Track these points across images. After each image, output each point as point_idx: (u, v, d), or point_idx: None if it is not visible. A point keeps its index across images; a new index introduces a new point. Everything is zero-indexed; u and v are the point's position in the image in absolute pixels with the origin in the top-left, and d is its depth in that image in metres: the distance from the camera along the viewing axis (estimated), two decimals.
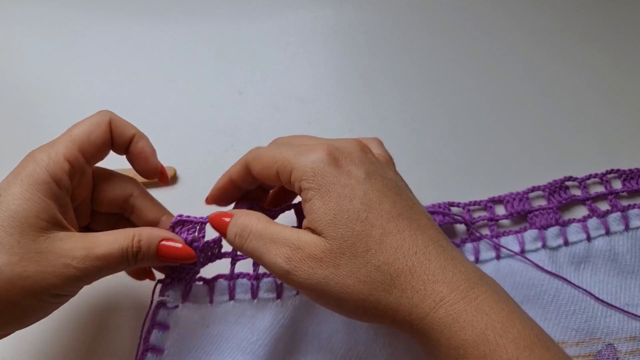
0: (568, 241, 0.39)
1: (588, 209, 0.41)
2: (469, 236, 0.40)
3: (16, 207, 0.27)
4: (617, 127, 0.45)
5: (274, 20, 0.51)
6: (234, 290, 0.36)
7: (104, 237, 0.29)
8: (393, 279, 0.26)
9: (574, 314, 0.37)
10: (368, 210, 0.27)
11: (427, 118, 0.46)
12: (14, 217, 0.27)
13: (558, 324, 0.36)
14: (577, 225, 0.40)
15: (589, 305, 0.37)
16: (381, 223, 0.27)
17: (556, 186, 0.41)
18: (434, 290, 0.25)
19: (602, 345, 0.36)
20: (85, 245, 0.28)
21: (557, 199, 0.41)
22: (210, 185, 0.34)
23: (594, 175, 0.42)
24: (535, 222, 0.40)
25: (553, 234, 0.39)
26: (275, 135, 0.45)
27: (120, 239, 0.29)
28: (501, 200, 0.41)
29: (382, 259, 0.26)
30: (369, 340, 0.35)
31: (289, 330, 0.36)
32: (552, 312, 0.37)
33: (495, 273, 0.38)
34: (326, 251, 0.27)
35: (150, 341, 0.35)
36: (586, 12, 0.50)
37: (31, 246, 0.27)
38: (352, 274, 0.27)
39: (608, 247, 0.39)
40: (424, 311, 0.25)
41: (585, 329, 0.36)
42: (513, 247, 0.39)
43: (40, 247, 0.27)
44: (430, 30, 0.50)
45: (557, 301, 0.37)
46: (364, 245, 0.27)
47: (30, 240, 0.27)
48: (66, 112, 0.45)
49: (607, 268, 0.38)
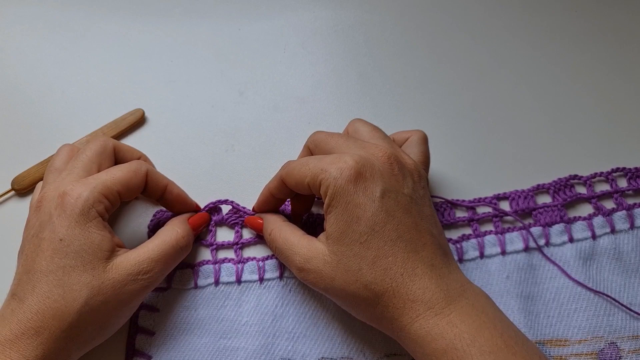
0: (573, 238, 0.39)
1: (593, 207, 0.41)
2: (473, 232, 0.40)
3: (82, 246, 0.31)
4: (623, 126, 0.45)
5: (274, 21, 0.51)
6: (219, 273, 0.38)
7: (152, 244, 0.34)
8: (378, 297, 0.30)
9: (576, 311, 0.37)
10: (370, 233, 0.30)
11: (428, 118, 0.46)
12: (84, 257, 0.31)
13: (560, 321, 0.37)
14: (583, 223, 0.40)
15: (592, 304, 0.37)
16: (378, 246, 0.30)
17: (561, 184, 0.41)
18: (412, 308, 0.30)
19: (605, 344, 0.36)
20: (143, 258, 0.33)
21: (562, 196, 0.41)
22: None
23: (600, 173, 0.42)
24: (540, 219, 0.40)
25: (558, 231, 0.39)
26: (275, 135, 0.45)
27: (167, 238, 0.34)
28: (506, 197, 0.41)
29: (371, 279, 0.30)
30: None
31: (279, 310, 0.37)
32: (555, 310, 0.37)
33: (501, 268, 0.38)
34: (327, 264, 0.31)
35: (139, 324, 0.36)
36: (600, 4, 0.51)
37: (104, 276, 0.31)
38: (343, 288, 0.31)
39: (613, 245, 0.39)
40: (402, 324, 0.30)
41: (588, 327, 0.36)
42: (517, 244, 0.39)
43: (111, 274, 0.31)
44: (430, 31, 0.50)
45: (559, 299, 0.37)
46: (357, 265, 0.30)
47: (102, 271, 0.31)
48: (66, 112, 0.45)
49: (611, 266, 0.38)
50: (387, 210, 0.31)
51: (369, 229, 0.30)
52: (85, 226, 0.31)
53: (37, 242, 0.31)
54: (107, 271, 0.31)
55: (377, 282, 0.30)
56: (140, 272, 0.32)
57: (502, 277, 0.38)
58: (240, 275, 0.38)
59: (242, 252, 0.39)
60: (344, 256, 0.31)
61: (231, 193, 0.42)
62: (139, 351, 0.36)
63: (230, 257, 0.39)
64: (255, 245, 0.40)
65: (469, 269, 0.39)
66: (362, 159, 0.31)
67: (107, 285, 0.31)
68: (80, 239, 0.31)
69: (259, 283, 0.38)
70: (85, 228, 0.31)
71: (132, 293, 0.32)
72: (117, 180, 0.33)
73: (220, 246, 0.39)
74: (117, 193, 0.33)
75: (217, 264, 0.38)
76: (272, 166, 0.43)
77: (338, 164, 0.31)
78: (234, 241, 0.40)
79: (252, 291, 0.38)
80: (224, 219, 0.40)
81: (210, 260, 0.39)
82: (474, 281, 0.38)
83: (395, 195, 0.31)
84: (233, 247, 0.39)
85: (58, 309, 0.30)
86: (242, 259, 0.39)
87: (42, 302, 0.30)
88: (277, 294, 0.37)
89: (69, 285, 0.30)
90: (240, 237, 0.40)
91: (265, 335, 0.36)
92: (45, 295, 0.30)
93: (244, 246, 0.40)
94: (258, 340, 0.36)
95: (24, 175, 0.42)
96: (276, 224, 0.36)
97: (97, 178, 0.33)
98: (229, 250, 0.40)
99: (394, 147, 0.34)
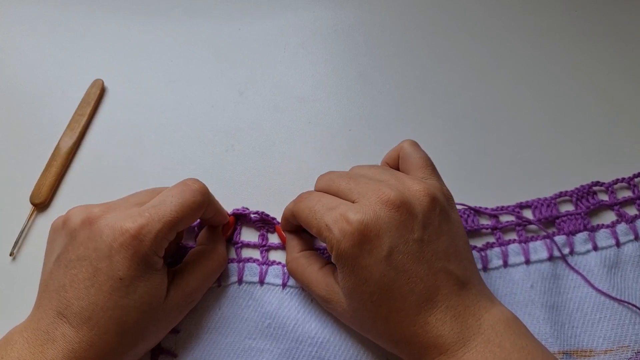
0: (597, 246, 0.39)
1: (616, 214, 0.41)
2: (497, 240, 0.39)
3: (144, 288, 0.31)
4: (634, 129, 0.44)
5: (274, 21, 0.51)
6: (243, 272, 0.38)
7: (199, 272, 0.35)
8: (393, 344, 0.32)
9: (600, 321, 0.36)
10: (380, 293, 0.30)
11: (428, 118, 0.46)
12: (144, 298, 0.31)
13: (585, 331, 0.36)
14: (606, 230, 0.40)
15: (616, 313, 0.37)
16: (389, 303, 0.30)
17: (584, 191, 0.41)
18: (426, 353, 0.30)
19: (632, 353, 0.36)
20: (192, 289, 0.34)
21: (585, 204, 0.41)
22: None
23: (621, 179, 0.42)
24: (564, 227, 0.40)
25: (582, 239, 0.39)
26: (275, 135, 0.45)
27: (212, 265, 0.36)
28: (529, 205, 0.41)
29: (385, 332, 0.32)
30: None
31: (301, 315, 0.37)
32: (579, 320, 0.37)
33: (525, 278, 0.38)
34: (345, 312, 0.33)
35: None
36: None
37: (158, 313, 0.32)
38: (364, 333, 0.33)
39: (637, 252, 0.39)
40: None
41: (613, 337, 0.36)
42: (541, 253, 0.39)
43: (164, 308, 0.32)
44: (430, 31, 0.50)
45: (583, 309, 0.37)
46: (371, 320, 0.32)
47: (158, 310, 0.32)
48: (66, 112, 0.45)
49: (635, 274, 0.38)
50: (395, 267, 0.30)
51: (379, 289, 0.30)
52: (146, 270, 0.31)
53: (91, 271, 0.30)
54: (162, 308, 0.32)
55: (391, 334, 0.31)
56: (188, 301, 0.34)
57: (527, 287, 0.38)
58: (263, 277, 0.38)
59: (267, 255, 0.39)
60: (357, 310, 0.32)
61: (231, 193, 0.42)
62: (165, 349, 0.36)
63: (255, 257, 0.39)
64: (283, 250, 0.40)
65: (492, 278, 0.38)
66: (366, 217, 0.30)
67: (160, 317, 0.32)
68: (141, 284, 0.31)
69: (281, 288, 0.38)
70: (147, 272, 0.31)
71: (178, 317, 0.34)
72: (182, 220, 0.32)
73: (245, 245, 0.40)
74: (175, 230, 0.32)
75: (241, 262, 0.38)
76: (272, 166, 0.43)
77: (341, 224, 0.30)
78: (261, 243, 0.40)
79: (274, 294, 0.38)
80: (252, 220, 0.40)
81: (235, 258, 0.39)
82: (498, 291, 0.38)
83: (404, 247, 0.30)
84: (259, 249, 0.39)
85: (114, 342, 0.30)
86: (267, 261, 0.39)
87: (98, 337, 0.29)
88: (299, 301, 0.37)
89: (127, 324, 0.30)
90: (267, 239, 0.40)
91: (289, 339, 0.36)
92: (103, 330, 0.30)
93: (270, 249, 0.40)
94: (283, 343, 0.36)
95: (38, 187, 0.41)
96: (292, 254, 0.37)
97: (162, 219, 0.31)
98: (253, 250, 0.40)
99: (397, 185, 0.32)
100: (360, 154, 0.44)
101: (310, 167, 0.43)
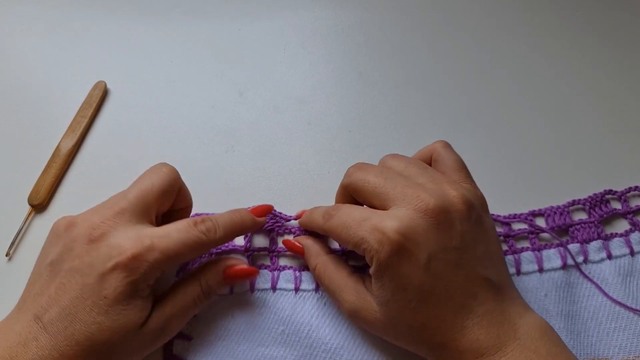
0: (612, 255, 0.39)
1: (629, 223, 0.40)
2: (510, 248, 0.39)
3: (123, 311, 0.30)
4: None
5: (274, 21, 0.51)
6: (255, 280, 0.38)
7: (173, 298, 0.33)
8: (428, 350, 0.32)
9: (616, 330, 0.36)
10: (418, 300, 0.31)
11: (428, 118, 0.46)
12: (122, 322, 0.30)
13: (600, 340, 0.36)
14: (620, 239, 0.39)
15: (632, 322, 0.36)
16: (427, 310, 0.31)
17: (597, 200, 0.41)
18: (461, 357, 0.30)
19: None
20: (164, 315, 0.33)
21: (598, 212, 0.41)
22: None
23: (634, 187, 0.41)
24: (577, 235, 0.40)
25: (595, 247, 0.39)
26: (275, 135, 0.45)
27: (189, 292, 0.34)
28: (542, 213, 0.41)
29: (421, 339, 0.32)
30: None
31: (315, 320, 0.37)
32: (594, 329, 0.36)
33: (539, 286, 0.38)
34: (377, 321, 0.32)
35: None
36: None
37: (134, 339, 0.31)
38: (394, 341, 0.33)
39: None
40: None
41: (629, 347, 0.36)
42: (555, 261, 0.39)
43: (139, 336, 0.31)
44: (430, 31, 0.50)
45: (598, 318, 0.37)
46: (407, 328, 0.31)
47: (133, 335, 0.31)
48: (66, 113, 0.45)
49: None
50: (434, 274, 0.30)
51: (417, 296, 0.30)
52: (132, 295, 0.31)
53: (79, 284, 0.30)
54: (138, 333, 0.31)
55: (427, 340, 0.31)
56: (166, 332, 0.33)
57: (541, 295, 0.37)
58: (275, 283, 0.38)
59: (278, 260, 0.39)
60: (393, 319, 0.32)
61: (231, 193, 0.42)
62: (177, 356, 0.36)
63: (265, 263, 0.39)
64: (292, 255, 0.39)
65: None
66: (402, 226, 0.30)
67: (133, 342, 0.31)
68: (122, 307, 0.30)
69: (294, 292, 0.38)
70: (132, 297, 0.31)
71: (151, 346, 0.33)
72: (179, 253, 0.32)
73: (257, 251, 0.39)
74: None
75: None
76: (272, 166, 0.43)
77: (377, 235, 0.30)
78: (270, 248, 0.39)
79: (287, 299, 0.37)
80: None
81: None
82: None
83: (442, 255, 0.31)
84: (269, 255, 0.39)
85: (81, 357, 0.30)
86: (278, 267, 0.38)
87: (69, 348, 0.29)
88: (313, 306, 0.37)
89: (98, 342, 0.30)
90: (276, 243, 0.39)
91: (302, 346, 0.36)
92: (74, 342, 0.29)
93: (280, 254, 0.39)
94: (297, 350, 0.36)
95: (37, 188, 0.41)
96: (319, 257, 0.36)
97: (163, 251, 0.31)
98: (264, 257, 0.39)
99: (436, 190, 0.32)
100: (360, 154, 0.44)
101: (310, 168, 0.43)
